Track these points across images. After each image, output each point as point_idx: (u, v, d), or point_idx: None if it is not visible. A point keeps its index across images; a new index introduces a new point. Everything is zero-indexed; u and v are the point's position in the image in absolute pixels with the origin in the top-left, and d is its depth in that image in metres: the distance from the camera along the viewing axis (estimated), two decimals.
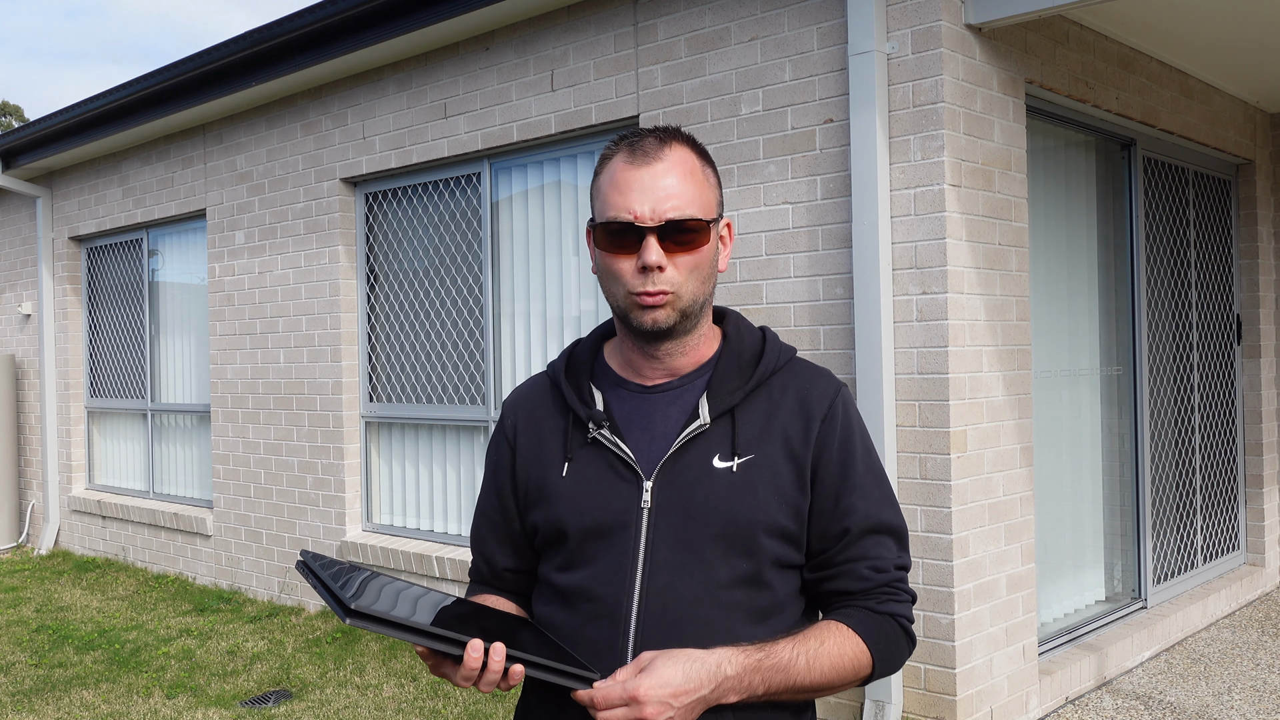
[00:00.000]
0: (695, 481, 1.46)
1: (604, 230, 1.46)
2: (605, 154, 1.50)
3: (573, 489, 1.51)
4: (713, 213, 1.49)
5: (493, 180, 5.65)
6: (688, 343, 1.52)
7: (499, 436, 1.65)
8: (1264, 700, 4.57)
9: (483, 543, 1.65)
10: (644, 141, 1.47)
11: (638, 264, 1.43)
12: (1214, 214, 6.36)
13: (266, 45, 5.97)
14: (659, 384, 1.53)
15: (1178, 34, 4.98)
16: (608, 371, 1.58)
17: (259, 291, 6.78)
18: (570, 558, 1.50)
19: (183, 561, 7.51)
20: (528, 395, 1.64)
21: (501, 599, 1.62)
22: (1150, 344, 5.67)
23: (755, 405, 1.50)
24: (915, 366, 3.98)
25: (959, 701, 3.93)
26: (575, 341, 1.66)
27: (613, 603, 1.44)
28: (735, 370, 1.52)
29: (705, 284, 1.48)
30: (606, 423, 1.51)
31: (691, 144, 1.50)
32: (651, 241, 1.42)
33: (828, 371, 1.57)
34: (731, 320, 1.59)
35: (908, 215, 3.98)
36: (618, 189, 1.45)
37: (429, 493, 6.10)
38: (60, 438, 8.77)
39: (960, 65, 3.98)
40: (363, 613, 1.23)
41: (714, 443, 1.48)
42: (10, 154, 8.50)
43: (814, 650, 1.40)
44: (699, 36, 4.56)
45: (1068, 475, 5.14)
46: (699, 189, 1.46)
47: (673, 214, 1.43)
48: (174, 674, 5.30)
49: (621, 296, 1.47)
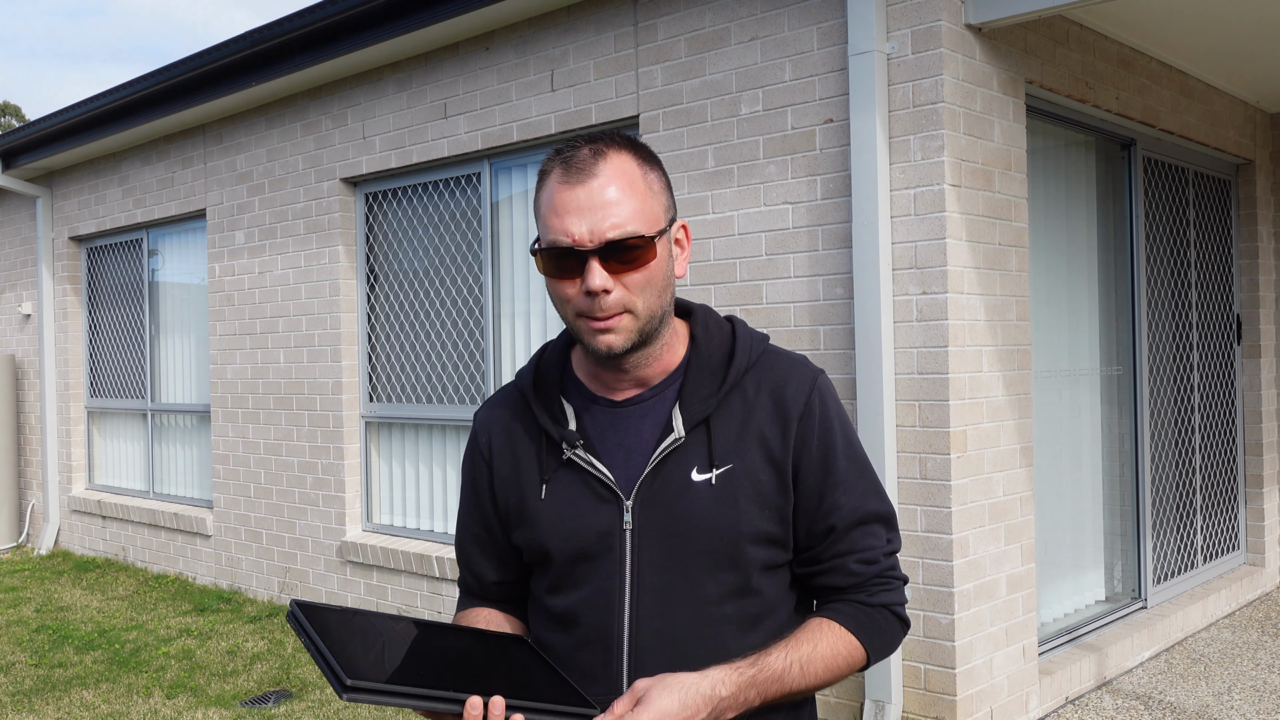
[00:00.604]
0: (675, 498, 1.43)
1: (546, 255, 1.38)
2: (542, 170, 1.42)
3: (553, 512, 1.47)
4: (659, 223, 1.40)
5: (493, 180, 5.65)
6: (651, 353, 1.46)
7: (474, 453, 1.60)
8: (1264, 700, 4.57)
9: (469, 559, 1.63)
10: (577, 156, 1.38)
11: (582, 288, 1.36)
12: (1214, 214, 6.36)
13: (266, 45, 5.98)
14: (629, 397, 1.49)
15: (1178, 34, 4.98)
16: (578, 385, 1.53)
17: (259, 291, 6.78)
18: (558, 580, 1.49)
19: (183, 561, 7.51)
20: (499, 411, 1.58)
21: (494, 612, 1.61)
22: (1150, 344, 5.67)
23: (730, 410, 1.46)
24: (915, 366, 3.98)
25: (959, 701, 3.93)
26: (542, 348, 1.59)
27: (604, 628, 1.43)
28: (706, 375, 1.46)
29: (660, 297, 1.41)
30: (580, 441, 1.47)
31: (632, 148, 1.41)
32: (594, 265, 1.35)
33: (802, 359, 1.52)
34: (698, 318, 1.52)
35: (908, 215, 3.98)
36: (554, 211, 1.37)
37: (429, 493, 6.11)
38: (60, 438, 8.77)
39: (960, 65, 3.98)
40: (360, 688, 1.19)
41: (691, 455, 1.44)
42: (10, 154, 8.50)
43: (807, 655, 1.39)
44: (699, 36, 4.56)
45: (1068, 475, 5.14)
46: (641, 201, 1.38)
47: (613, 234, 1.34)
48: (174, 674, 5.31)
49: (572, 320, 1.41)
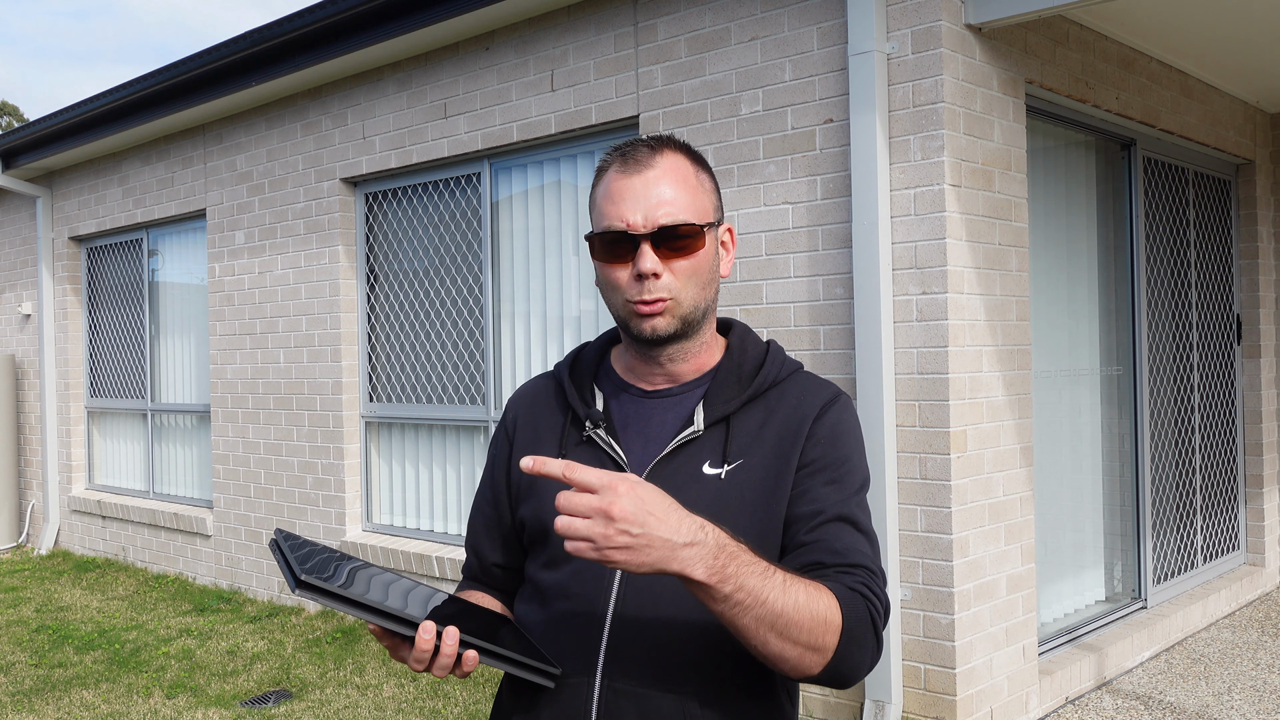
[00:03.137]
0: (683, 486, 1.44)
1: (599, 240, 1.46)
2: (600, 166, 1.51)
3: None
4: (709, 217, 1.49)
5: (493, 180, 5.65)
6: (689, 349, 1.52)
7: (500, 431, 1.66)
8: (1264, 700, 4.57)
9: (475, 536, 1.66)
10: (636, 150, 1.47)
11: (633, 272, 1.44)
12: (1214, 214, 6.36)
13: (266, 45, 5.98)
14: (659, 389, 1.54)
15: (1178, 34, 4.98)
16: (611, 375, 1.59)
17: (259, 291, 6.78)
18: (554, 555, 1.50)
19: (183, 561, 7.51)
20: (531, 392, 1.66)
21: (487, 596, 1.62)
22: (1150, 344, 5.67)
23: (751, 415, 1.50)
24: (915, 366, 3.98)
25: (959, 701, 3.93)
26: (583, 344, 1.67)
27: (589, 601, 1.44)
28: (734, 380, 1.51)
29: (705, 290, 1.48)
30: (603, 423, 1.51)
31: (686, 151, 1.50)
32: (646, 249, 1.42)
33: (833, 385, 1.57)
34: (737, 332, 1.59)
35: (908, 215, 3.98)
36: (611, 199, 1.45)
37: (429, 493, 6.10)
38: (60, 438, 8.77)
39: (960, 65, 3.98)
40: (310, 584, 1.18)
41: (706, 450, 1.47)
42: (10, 154, 8.50)
43: (791, 578, 1.27)
44: (699, 36, 4.56)
45: (1068, 475, 5.14)
46: (693, 195, 1.46)
47: (665, 220, 1.42)
48: (174, 674, 5.30)
49: (620, 305, 1.48)
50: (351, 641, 5.70)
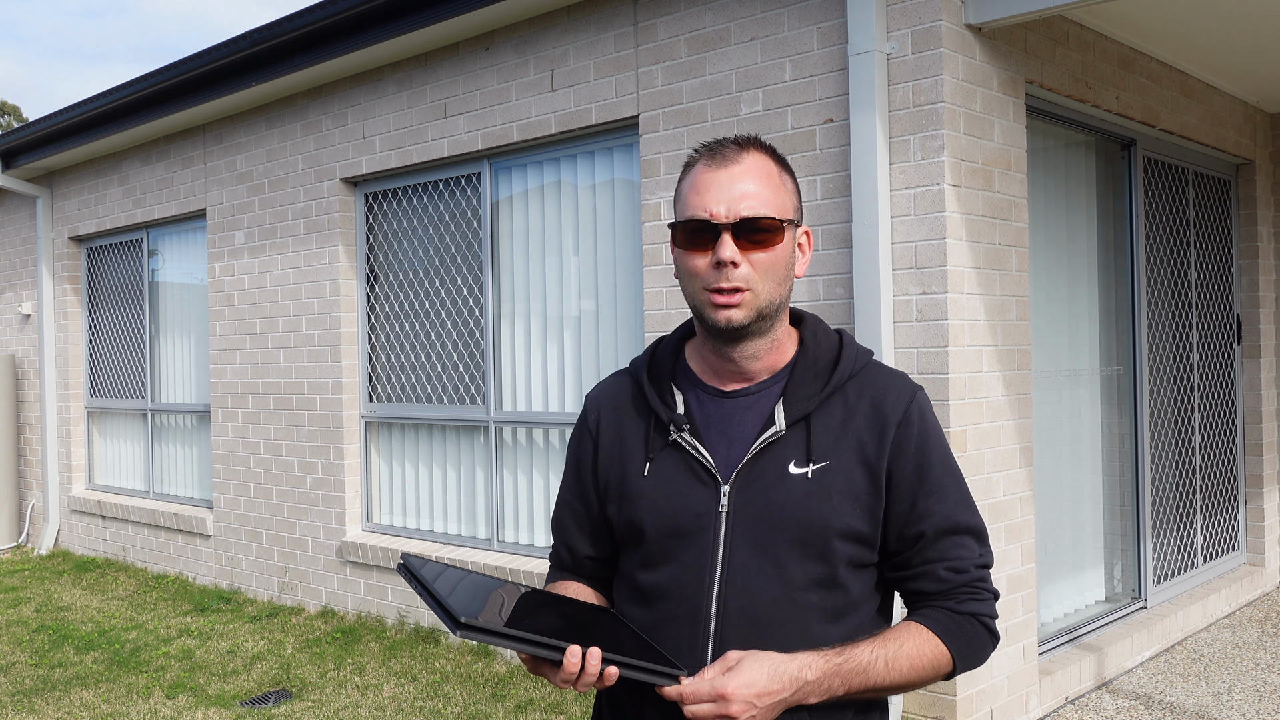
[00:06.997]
0: (771, 487, 1.50)
1: (682, 229, 1.51)
2: (688, 161, 1.57)
3: (653, 489, 1.56)
4: (789, 215, 1.53)
5: (493, 180, 5.65)
6: (763, 346, 1.55)
7: (582, 430, 1.70)
8: (1264, 700, 4.57)
9: (565, 531, 1.72)
10: (724, 147, 1.53)
11: (713, 260, 1.48)
12: (1214, 214, 6.36)
13: (266, 45, 5.98)
14: (737, 389, 1.57)
15: (1178, 34, 4.98)
16: (688, 373, 1.62)
17: (259, 291, 6.78)
18: (649, 556, 1.56)
19: (183, 561, 7.51)
20: (610, 392, 1.70)
21: (582, 586, 1.69)
22: (1150, 344, 5.67)
23: (831, 411, 1.54)
24: (915, 366, 3.98)
25: (959, 701, 3.93)
26: (658, 340, 1.70)
27: (692, 603, 1.50)
28: (811, 376, 1.55)
29: (780, 285, 1.52)
30: (687, 426, 1.55)
31: (770, 152, 1.56)
32: (726, 238, 1.47)
33: (904, 375, 1.60)
34: (809, 324, 1.62)
35: (908, 215, 3.98)
36: (696, 190, 1.51)
37: (429, 493, 6.10)
38: (60, 438, 8.77)
39: (960, 65, 3.98)
40: (473, 626, 1.29)
41: (790, 449, 1.51)
42: (10, 154, 8.50)
43: (893, 652, 1.45)
44: (699, 36, 4.56)
45: (1068, 475, 5.14)
46: (775, 192, 1.51)
47: (747, 212, 1.47)
48: (174, 674, 5.31)
49: (697, 293, 1.51)
50: (351, 641, 5.70)
